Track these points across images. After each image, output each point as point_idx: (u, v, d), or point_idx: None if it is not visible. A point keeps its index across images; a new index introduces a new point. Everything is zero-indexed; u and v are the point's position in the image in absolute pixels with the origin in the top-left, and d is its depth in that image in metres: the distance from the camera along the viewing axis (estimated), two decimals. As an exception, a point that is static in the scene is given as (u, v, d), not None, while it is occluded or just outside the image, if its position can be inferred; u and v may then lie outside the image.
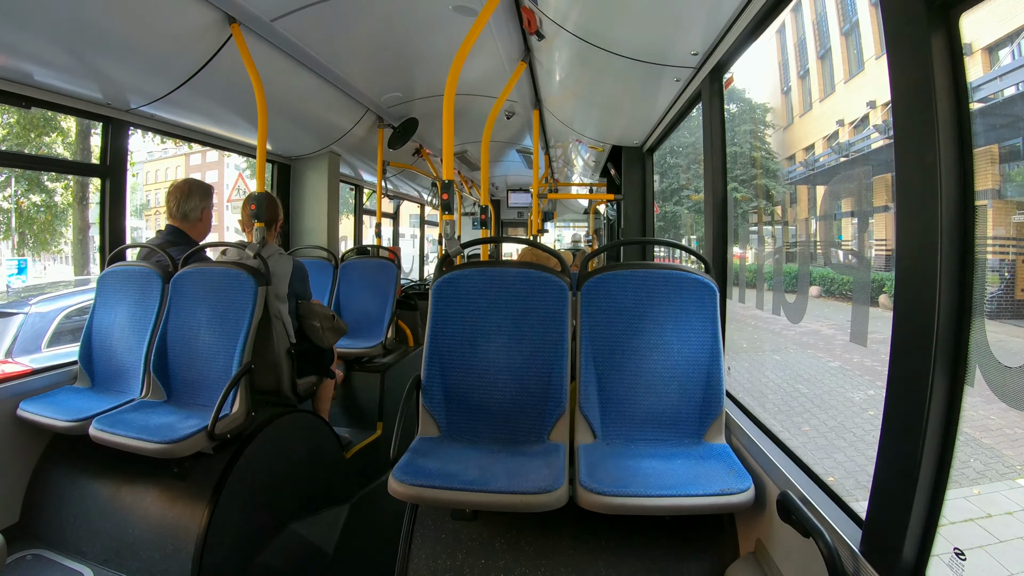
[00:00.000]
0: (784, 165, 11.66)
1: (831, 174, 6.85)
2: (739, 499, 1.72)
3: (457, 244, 2.56)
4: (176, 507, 2.38)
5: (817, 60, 8.92)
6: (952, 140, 1.13)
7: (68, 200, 14.59)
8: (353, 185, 6.33)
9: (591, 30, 2.78)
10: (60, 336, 5.29)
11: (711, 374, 2.13)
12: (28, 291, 6.43)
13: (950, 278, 1.13)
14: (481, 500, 1.75)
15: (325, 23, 3.05)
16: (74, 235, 13.20)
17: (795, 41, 10.21)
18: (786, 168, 11.18)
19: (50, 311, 5.42)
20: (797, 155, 9.68)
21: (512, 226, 11.32)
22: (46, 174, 14.41)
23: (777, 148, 12.49)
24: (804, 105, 9.96)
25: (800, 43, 10.00)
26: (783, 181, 11.33)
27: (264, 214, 2.99)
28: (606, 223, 7.10)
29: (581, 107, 4.51)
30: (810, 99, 9.45)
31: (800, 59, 10.01)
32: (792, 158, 10.44)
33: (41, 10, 2.29)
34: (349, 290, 4.70)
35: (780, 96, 11.20)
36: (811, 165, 8.47)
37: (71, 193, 14.23)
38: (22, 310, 5.30)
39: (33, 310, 5.33)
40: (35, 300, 5.51)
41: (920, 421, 1.16)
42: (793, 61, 10.26)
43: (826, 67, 8.57)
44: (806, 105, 9.82)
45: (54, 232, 15.06)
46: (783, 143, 11.89)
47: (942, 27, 1.13)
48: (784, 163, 11.72)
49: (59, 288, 6.35)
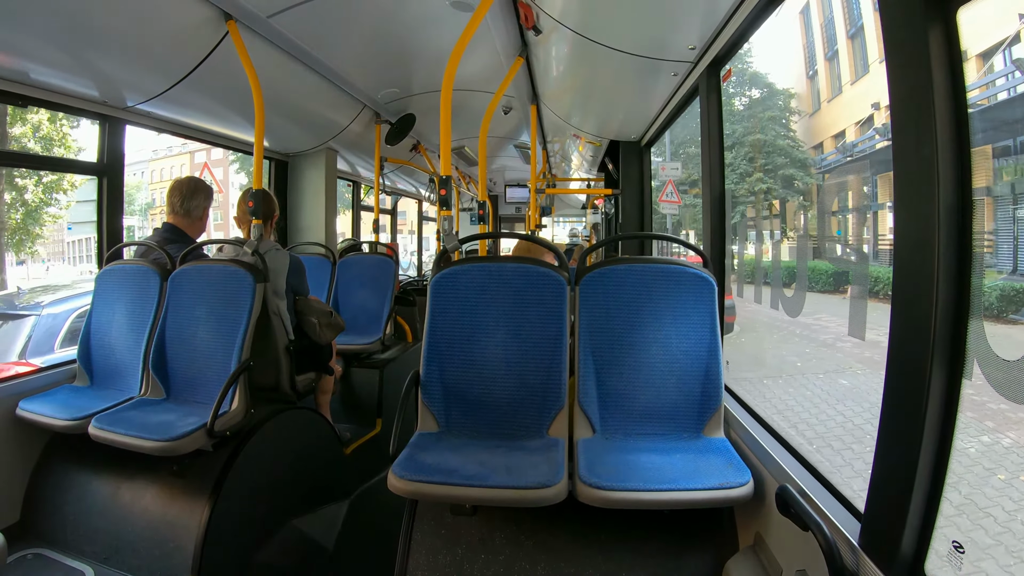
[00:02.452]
0: (811, 154, 11.34)
1: (875, 160, 6.35)
2: (738, 493, 1.73)
3: (455, 239, 2.56)
4: (176, 504, 2.38)
5: (847, 40, 8.63)
6: (950, 135, 1.13)
7: (39, 197, 14.28)
8: (351, 181, 6.32)
9: (588, 25, 2.77)
10: (73, 336, 5.28)
11: (710, 368, 2.13)
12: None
13: (947, 273, 1.14)
14: (480, 495, 1.76)
15: (322, 19, 3.03)
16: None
17: (821, 21, 9.83)
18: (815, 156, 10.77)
19: (62, 312, 5.44)
20: (826, 143, 9.38)
21: (510, 221, 11.31)
22: (16, 171, 14.08)
23: (802, 136, 12.10)
24: (833, 89, 9.63)
25: (827, 22, 9.63)
26: (815, 170, 10.87)
27: (261, 210, 2.99)
28: (604, 218, 7.08)
29: (579, 102, 4.50)
30: (839, 83, 9.14)
31: (827, 40, 9.67)
32: (820, 146, 10.11)
33: (37, 8, 2.28)
34: (347, 286, 4.70)
35: (805, 81, 10.89)
36: (849, 151, 7.99)
37: (42, 190, 13.96)
38: (35, 312, 5.33)
39: (46, 311, 5.37)
40: (47, 301, 5.55)
41: (919, 414, 1.17)
42: (819, 43, 9.90)
43: (857, 47, 8.29)
44: (835, 89, 9.50)
45: (28, 232, 14.62)
46: (808, 130, 11.53)
47: (940, 21, 1.13)
48: (811, 152, 11.41)
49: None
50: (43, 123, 13.20)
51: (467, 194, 8.99)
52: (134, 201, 21.92)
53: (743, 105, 12.68)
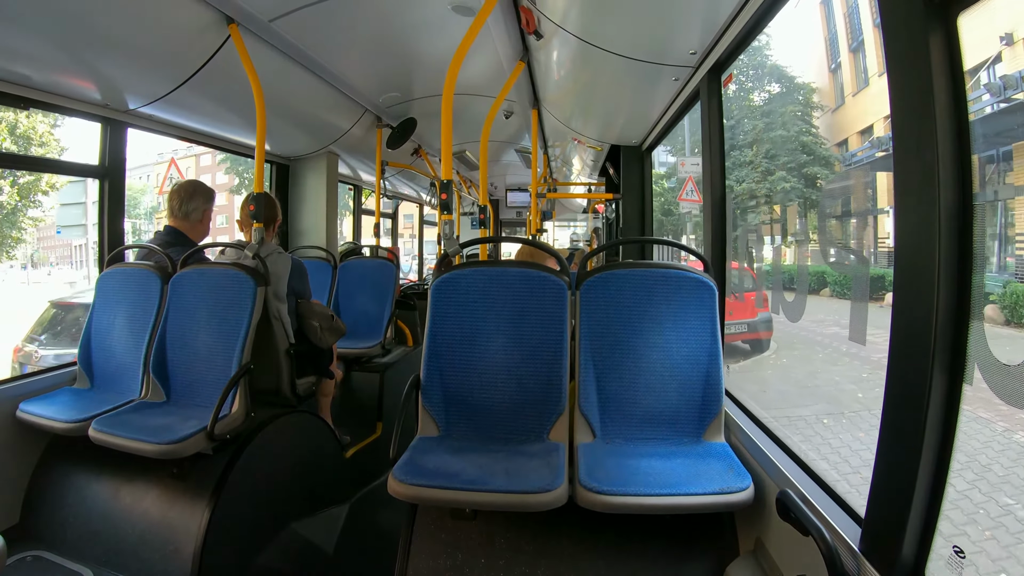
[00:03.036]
0: (834, 151, 11.06)
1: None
2: (738, 498, 1.73)
3: (456, 244, 2.56)
4: (176, 508, 2.38)
5: (873, 29, 8.44)
6: (951, 140, 1.14)
7: (15, 199, 13.95)
8: (352, 185, 6.32)
9: (590, 29, 2.78)
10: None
11: (710, 373, 2.13)
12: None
13: (948, 276, 1.14)
14: (481, 499, 1.75)
15: (323, 23, 3.04)
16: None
17: (844, 11, 9.58)
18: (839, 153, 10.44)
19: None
20: (851, 139, 9.14)
21: (511, 226, 11.31)
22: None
23: (824, 132, 11.78)
24: (858, 82, 9.39)
25: (851, 11, 9.37)
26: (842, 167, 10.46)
27: (263, 214, 3.00)
28: (605, 222, 7.07)
29: (580, 106, 4.50)
30: (866, 75, 8.92)
31: (851, 31, 9.42)
32: (844, 143, 9.81)
33: (39, 10, 2.28)
34: (348, 290, 4.70)
35: (827, 74, 10.62)
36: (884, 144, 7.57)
37: (17, 192, 13.60)
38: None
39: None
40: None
41: (919, 419, 1.17)
42: (843, 33, 9.59)
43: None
44: (861, 82, 9.27)
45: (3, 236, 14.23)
46: (831, 126, 11.24)
47: (941, 27, 1.13)
48: (834, 148, 11.13)
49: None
50: (20, 121, 12.90)
51: (468, 198, 9.00)
52: (139, 204, 21.87)
53: (762, 100, 12.35)
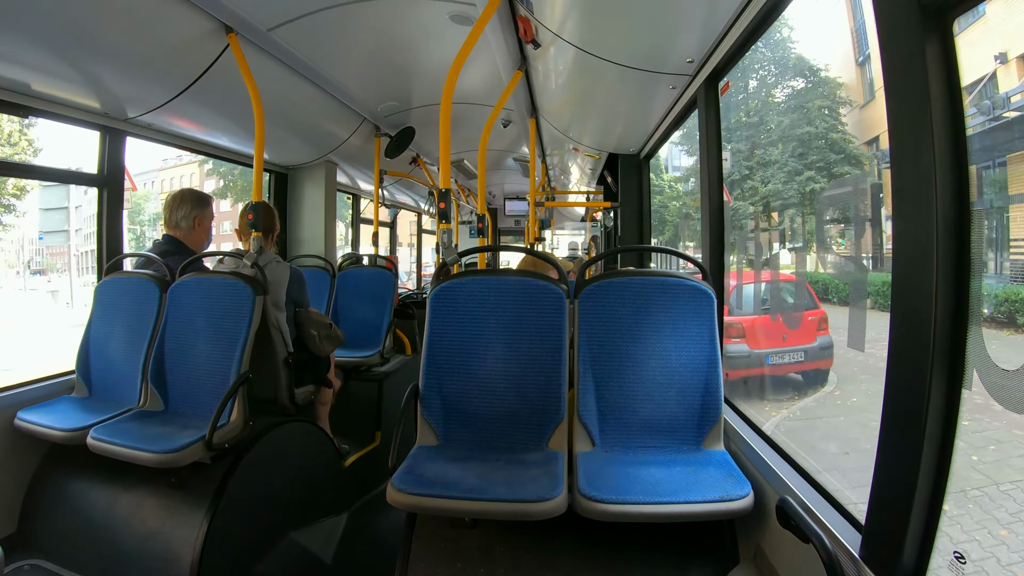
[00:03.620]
0: (864, 149, 10.86)
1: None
2: (738, 505, 1.72)
3: (454, 253, 2.57)
4: (174, 517, 2.36)
5: None
6: (948, 147, 1.14)
7: None
8: (350, 194, 6.33)
9: (587, 38, 2.79)
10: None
11: (709, 381, 2.13)
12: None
13: (946, 282, 1.14)
14: (480, 508, 1.75)
15: (322, 32, 3.06)
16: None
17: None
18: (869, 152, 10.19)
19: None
20: (882, 137, 8.96)
21: (509, 234, 11.31)
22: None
23: (852, 130, 11.48)
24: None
25: None
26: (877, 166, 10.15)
27: (261, 223, 3.00)
28: (603, 230, 7.08)
29: (577, 115, 4.52)
30: None
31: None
32: (874, 141, 9.64)
33: (39, 19, 2.29)
34: (347, 299, 4.70)
35: (854, 68, 10.43)
36: None
37: None
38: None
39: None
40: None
41: (919, 425, 1.17)
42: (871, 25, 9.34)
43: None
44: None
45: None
46: (860, 123, 10.97)
47: (936, 32, 1.14)
48: (863, 147, 10.92)
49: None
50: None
51: (466, 207, 9.02)
52: (143, 211, 21.77)
53: (785, 96, 12.02)
